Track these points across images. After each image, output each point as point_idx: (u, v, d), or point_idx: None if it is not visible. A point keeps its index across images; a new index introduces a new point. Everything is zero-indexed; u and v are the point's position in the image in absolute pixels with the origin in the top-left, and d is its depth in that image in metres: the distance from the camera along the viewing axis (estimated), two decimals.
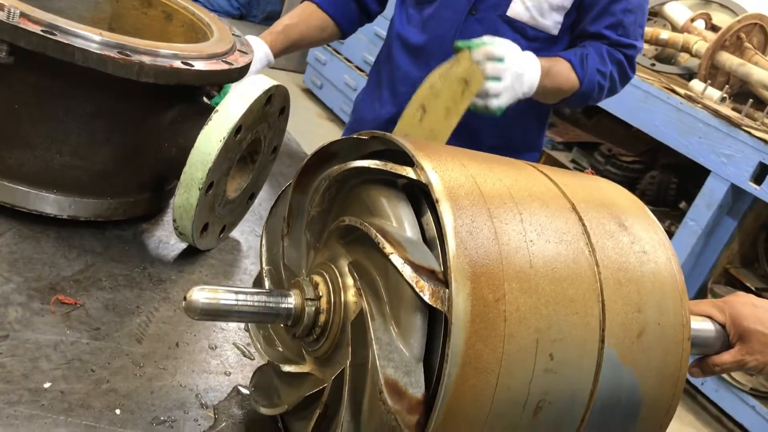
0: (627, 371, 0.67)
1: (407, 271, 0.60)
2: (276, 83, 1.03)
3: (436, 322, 0.62)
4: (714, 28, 3.42)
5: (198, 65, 0.97)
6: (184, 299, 0.66)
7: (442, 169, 0.66)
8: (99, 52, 0.88)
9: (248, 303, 0.69)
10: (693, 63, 3.43)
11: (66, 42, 0.87)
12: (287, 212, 0.80)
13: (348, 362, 0.64)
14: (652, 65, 3.50)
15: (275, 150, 1.17)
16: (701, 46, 3.22)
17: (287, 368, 0.75)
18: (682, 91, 3.05)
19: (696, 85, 3.12)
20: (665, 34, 3.38)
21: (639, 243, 0.72)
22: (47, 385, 0.76)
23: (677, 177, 3.34)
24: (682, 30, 3.43)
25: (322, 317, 0.70)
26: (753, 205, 2.87)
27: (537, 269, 0.64)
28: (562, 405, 0.64)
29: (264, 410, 0.77)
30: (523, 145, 1.64)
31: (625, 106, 3.18)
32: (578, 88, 1.49)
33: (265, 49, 1.52)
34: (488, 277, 0.61)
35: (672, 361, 0.71)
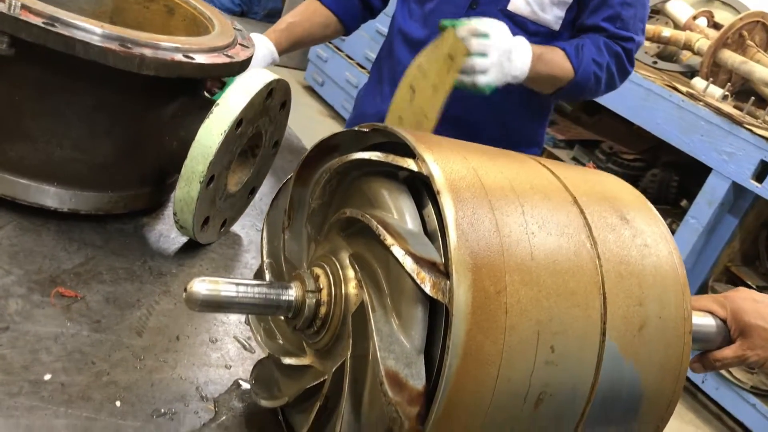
0: (628, 365, 0.67)
1: (408, 263, 0.60)
2: (277, 77, 1.02)
3: (437, 314, 0.62)
4: (716, 26, 3.41)
5: (199, 58, 0.97)
6: (185, 291, 0.66)
7: (444, 161, 0.66)
8: (100, 45, 0.88)
9: (249, 295, 0.69)
10: (695, 61, 3.42)
11: (67, 34, 0.86)
12: (288, 205, 0.80)
13: (349, 354, 0.64)
14: (654, 63, 3.49)
15: (276, 144, 1.17)
16: (703, 44, 3.21)
17: (288, 361, 0.75)
18: (684, 89, 3.05)
19: (698, 83, 3.12)
20: (667, 32, 3.37)
21: (641, 236, 0.72)
22: (47, 377, 0.76)
23: (678, 175, 3.33)
24: (684, 28, 3.42)
25: (323, 309, 0.70)
26: (754, 203, 2.86)
27: (538, 261, 0.63)
28: (563, 398, 0.64)
29: (264, 403, 0.77)
30: (524, 140, 1.64)
31: (627, 104, 3.17)
32: (573, 77, 1.47)
33: (270, 47, 1.52)
34: (489, 269, 0.60)
35: (673, 355, 0.70)
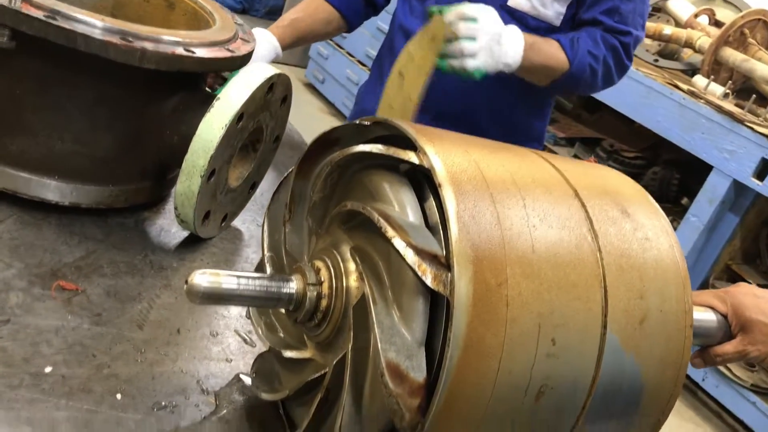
0: (629, 358, 0.67)
1: (409, 255, 0.60)
2: (278, 71, 1.02)
3: (438, 307, 0.62)
4: (717, 24, 3.41)
5: (200, 52, 0.97)
6: (186, 283, 0.66)
7: (445, 154, 0.66)
8: (101, 38, 0.88)
9: (250, 287, 0.69)
10: (696, 59, 3.42)
11: (68, 27, 0.86)
12: (289, 198, 0.80)
13: (350, 346, 0.64)
14: (655, 61, 3.49)
15: (277, 139, 1.17)
16: (704, 42, 3.21)
17: (288, 354, 0.75)
18: (685, 87, 3.05)
19: (699, 81, 3.12)
20: (668, 30, 3.37)
21: (641, 230, 0.72)
22: (48, 370, 0.76)
23: (679, 173, 3.33)
24: (686, 26, 3.42)
25: (324, 302, 0.70)
26: (755, 201, 2.86)
27: (539, 254, 0.63)
28: (564, 390, 0.64)
29: (265, 396, 0.77)
30: (525, 137, 1.63)
31: (628, 102, 3.17)
32: (568, 69, 1.45)
33: (274, 42, 1.52)
34: (491, 262, 0.60)
35: (674, 348, 0.70)
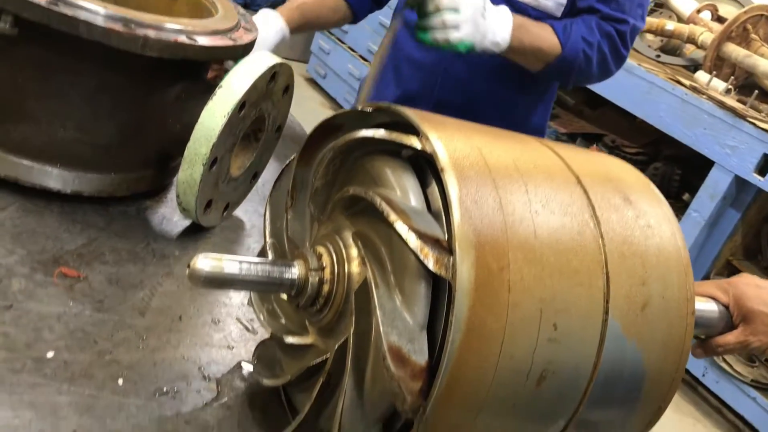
0: (631, 344, 0.67)
1: (412, 239, 0.60)
2: (281, 60, 1.02)
3: (440, 292, 0.62)
4: (720, 20, 3.40)
5: (202, 41, 0.96)
6: (188, 267, 0.66)
7: (448, 140, 0.65)
8: (103, 25, 0.88)
9: (252, 272, 0.69)
10: (698, 55, 3.41)
11: (71, 14, 0.86)
12: (291, 185, 0.80)
13: (351, 330, 0.64)
14: (657, 57, 3.48)
15: (279, 129, 1.17)
16: (707, 37, 3.21)
17: (290, 339, 0.75)
18: (687, 83, 3.04)
19: (701, 77, 3.11)
20: (671, 25, 3.37)
21: (644, 217, 0.72)
22: (50, 355, 0.76)
23: (681, 169, 3.33)
24: (688, 21, 3.41)
25: (326, 287, 0.70)
26: (757, 197, 2.86)
27: (542, 240, 0.63)
28: (566, 376, 0.64)
29: (267, 382, 0.77)
30: (526, 130, 1.63)
31: (630, 97, 3.17)
32: (560, 53, 1.43)
33: (281, 23, 1.51)
34: (493, 246, 0.60)
35: (676, 335, 0.70)
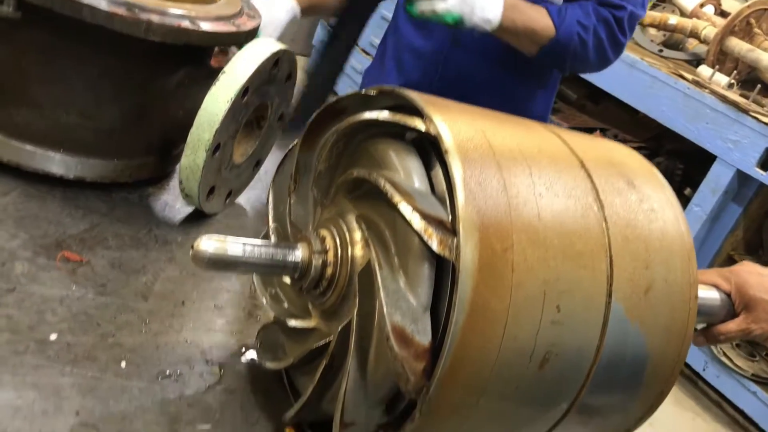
0: (633, 327, 0.67)
1: (416, 220, 0.60)
2: (284, 47, 1.02)
3: (443, 275, 0.62)
4: (723, 14, 3.39)
5: (205, 26, 0.96)
6: (192, 248, 0.66)
7: (452, 123, 0.65)
8: (107, 10, 0.87)
9: (255, 254, 0.69)
10: (701, 49, 3.40)
11: None
12: (294, 169, 0.80)
13: (355, 312, 0.64)
14: (660, 51, 3.47)
15: (282, 117, 1.17)
16: (710, 32, 3.20)
17: (293, 323, 0.75)
18: (690, 77, 3.04)
19: (704, 71, 3.10)
20: (674, 20, 3.36)
21: (647, 201, 0.72)
22: (53, 337, 0.76)
23: (683, 163, 3.32)
24: (691, 15, 3.40)
25: (329, 270, 0.70)
26: (759, 192, 2.85)
27: (545, 222, 0.63)
28: (569, 358, 0.64)
29: (270, 365, 0.77)
30: (527, 118, 1.63)
31: (632, 92, 3.16)
32: (554, 35, 1.41)
33: (292, 2, 1.50)
34: (497, 228, 0.60)
35: (679, 319, 0.70)
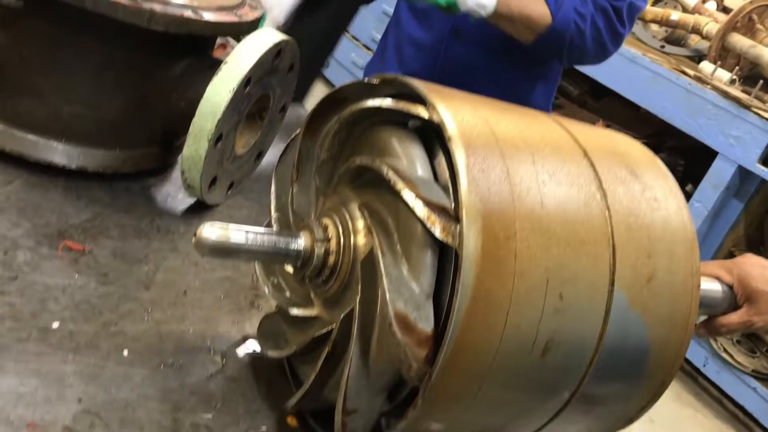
0: (636, 316, 0.67)
1: (419, 207, 0.60)
2: (286, 37, 1.02)
3: (446, 262, 0.62)
4: (725, 10, 3.39)
5: (208, 16, 0.96)
6: (194, 235, 0.66)
7: (455, 110, 0.65)
8: None
9: (258, 242, 0.69)
10: (703, 45, 3.40)
11: None
12: (297, 158, 0.80)
13: (358, 299, 0.64)
14: (662, 47, 3.47)
15: (284, 109, 1.17)
16: (712, 28, 3.19)
17: (295, 311, 0.75)
18: (692, 73, 3.03)
19: (706, 67, 3.10)
20: (676, 16, 3.35)
21: (650, 191, 0.72)
22: (56, 325, 0.76)
23: (684, 160, 3.32)
24: (693, 11, 3.40)
25: (332, 258, 0.70)
26: (760, 188, 2.85)
27: (548, 210, 0.63)
28: (571, 347, 0.64)
29: (272, 353, 0.77)
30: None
31: (634, 88, 3.15)
32: (550, 22, 1.40)
33: None
34: (500, 215, 0.60)
35: (681, 308, 0.70)
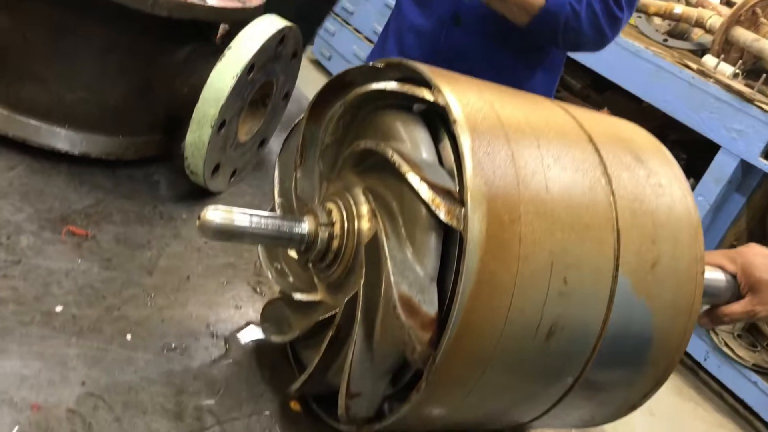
0: (640, 301, 0.67)
1: (423, 190, 0.60)
2: (289, 24, 1.02)
3: (450, 246, 0.62)
4: (729, 3, 3.38)
5: (211, 1, 0.96)
6: (199, 219, 0.66)
7: (460, 94, 0.65)
8: None
9: (262, 225, 0.68)
10: (706, 39, 3.39)
11: None
12: (300, 143, 0.80)
13: (362, 282, 0.64)
14: (665, 41, 3.46)
15: (287, 96, 1.17)
16: (715, 21, 3.18)
17: (299, 296, 0.75)
18: (695, 66, 3.02)
19: (708, 61, 3.09)
20: (679, 9, 3.34)
21: (655, 176, 0.72)
22: (59, 309, 0.76)
23: (686, 153, 3.31)
24: (697, 5, 3.39)
25: (336, 243, 0.70)
26: (762, 182, 2.85)
27: (553, 194, 0.63)
28: (575, 331, 0.64)
29: (275, 338, 0.77)
30: None
31: (637, 81, 3.15)
32: (544, 4, 1.38)
33: None
34: (504, 199, 0.60)
35: (685, 294, 0.70)
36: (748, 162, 2.76)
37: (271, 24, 0.98)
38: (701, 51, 3.41)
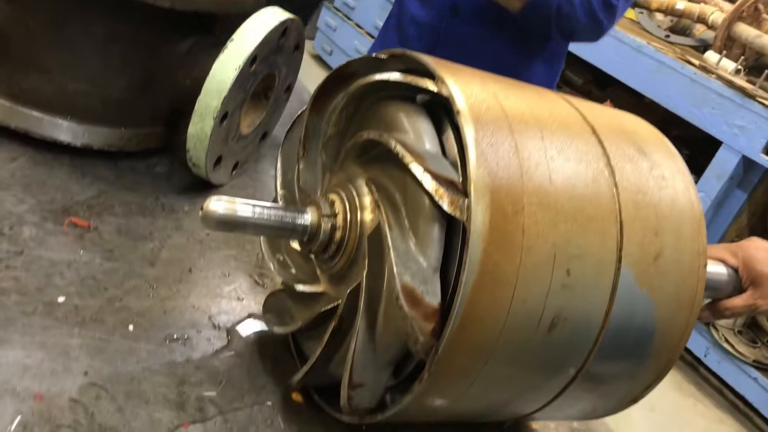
0: (642, 293, 0.67)
1: (427, 181, 0.60)
2: (292, 16, 1.01)
3: (453, 236, 0.62)
4: None
5: None
6: (201, 209, 0.66)
7: (464, 85, 0.65)
8: None
9: (264, 216, 0.68)
10: (708, 35, 3.38)
11: None
12: (303, 134, 0.80)
13: (364, 273, 0.64)
14: (667, 37, 3.45)
15: (289, 89, 1.16)
16: (717, 17, 3.18)
17: (301, 287, 0.75)
18: (697, 62, 3.02)
19: (711, 57, 3.09)
20: (681, 5, 3.33)
21: (658, 169, 0.72)
22: (61, 300, 0.76)
23: (688, 149, 3.31)
24: (699, 0, 3.38)
25: (338, 234, 0.70)
26: (764, 178, 2.85)
27: (556, 186, 0.63)
28: (577, 323, 0.64)
29: (277, 329, 0.77)
30: None
31: (638, 77, 3.14)
32: None
33: None
34: (508, 190, 0.60)
35: (687, 287, 0.70)
36: (750, 158, 2.76)
37: (274, 16, 0.98)
38: (703, 47, 3.40)
